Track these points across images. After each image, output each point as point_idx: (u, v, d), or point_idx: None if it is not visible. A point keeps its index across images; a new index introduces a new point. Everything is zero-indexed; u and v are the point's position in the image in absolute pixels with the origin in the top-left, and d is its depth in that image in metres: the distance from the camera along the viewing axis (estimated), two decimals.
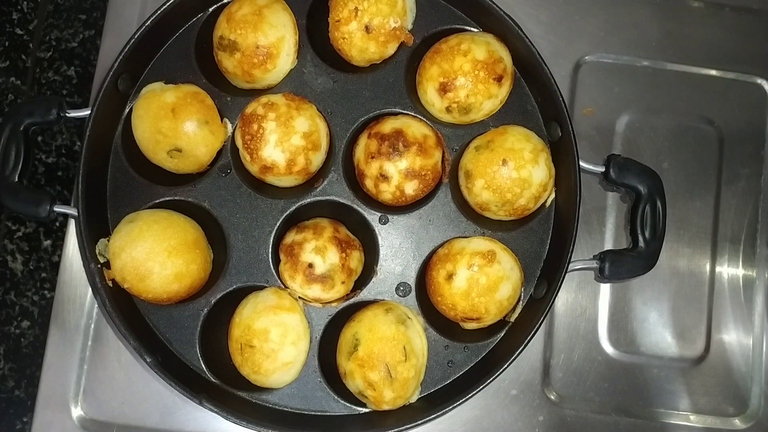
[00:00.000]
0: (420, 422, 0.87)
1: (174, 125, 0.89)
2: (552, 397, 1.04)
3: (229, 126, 0.94)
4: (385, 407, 0.88)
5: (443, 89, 0.91)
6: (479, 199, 0.93)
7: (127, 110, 0.95)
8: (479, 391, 0.87)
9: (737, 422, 1.06)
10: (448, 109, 0.93)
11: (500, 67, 0.91)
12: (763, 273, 1.10)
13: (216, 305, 0.93)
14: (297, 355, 0.89)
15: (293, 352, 0.89)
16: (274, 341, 0.87)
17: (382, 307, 0.91)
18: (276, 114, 0.89)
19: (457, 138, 0.96)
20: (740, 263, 1.10)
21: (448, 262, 0.90)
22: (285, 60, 0.93)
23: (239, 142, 0.91)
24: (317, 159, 0.93)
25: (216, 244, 0.95)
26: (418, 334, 0.90)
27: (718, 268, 1.09)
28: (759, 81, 1.13)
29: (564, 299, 1.07)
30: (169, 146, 0.90)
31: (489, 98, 0.92)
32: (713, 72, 1.13)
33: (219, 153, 0.94)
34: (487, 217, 0.95)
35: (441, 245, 0.94)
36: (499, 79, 0.91)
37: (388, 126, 0.92)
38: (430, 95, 0.93)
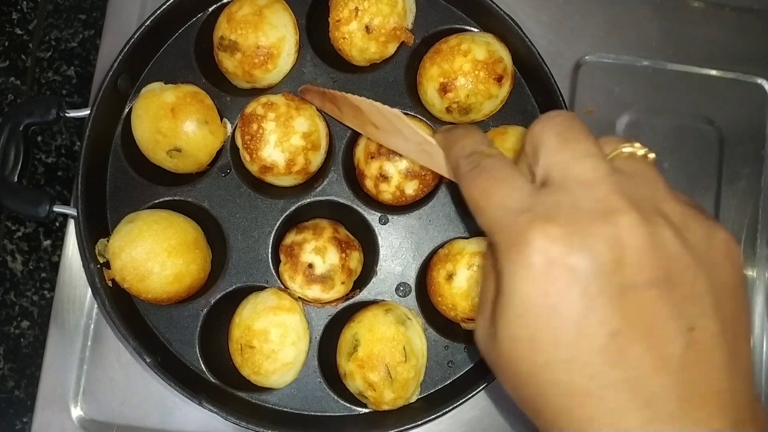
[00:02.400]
0: (420, 422, 0.87)
1: (173, 125, 0.89)
2: None
3: (229, 126, 0.94)
4: (385, 408, 0.88)
5: (443, 89, 0.91)
6: None
7: (126, 110, 0.95)
8: (479, 391, 0.87)
9: None
10: (448, 110, 0.93)
11: (500, 67, 0.91)
12: (763, 273, 1.09)
13: (216, 305, 0.93)
14: (297, 355, 0.89)
15: (293, 352, 0.88)
16: (274, 342, 0.87)
17: (381, 307, 0.91)
18: (276, 114, 0.89)
19: None
20: None
21: (448, 263, 0.90)
22: (285, 60, 0.93)
23: (239, 142, 0.91)
24: (317, 159, 0.93)
25: (216, 244, 0.94)
26: (418, 335, 0.90)
27: None
28: (759, 81, 1.13)
29: None
30: (169, 146, 0.90)
31: (489, 98, 0.92)
32: (713, 72, 1.13)
33: (219, 153, 0.94)
34: None
35: (441, 245, 0.94)
36: (499, 79, 0.91)
37: None
38: (430, 95, 0.93)
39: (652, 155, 0.47)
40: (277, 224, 0.93)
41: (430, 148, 0.59)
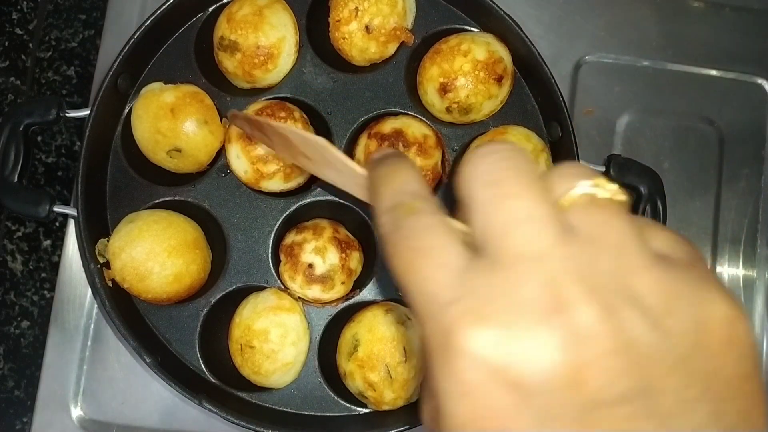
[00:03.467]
0: (420, 422, 0.87)
1: (173, 125, 0.89)
2: None
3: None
4: (386, 408, 0.88)
5: (443, 90, 0.91)
6: None
7: (126, 110, 0.95)
8: None
9: None
10: (448, 110, 0.93)
11: (500, 67, 0.91)
12: (764, 273, 1.09)
13: (216, 305, 0.92)
14: (297, 355, 0.89)
15: (293, 352, 0.88)
16: (274, 342, 0.87)
17: (382, 307, 0.91)
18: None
19: (457, 138, 0.96)
20: (740, 263, 1.09)
21: None
22: (286, 60, 0.93)
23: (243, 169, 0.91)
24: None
25: (216, 244, 0.94)
26: (418, 335, 0.90)
27: (718, 268, 1.09)
28: (759, 81, 1.13)
29: None
30: (169, 146, 0.90)
31: (489, 98, 0.92)
32: (713, 72, 1.13)
33: (218, 153, 0.94)
34: None
35: None
36: (499, 80, 0.91)
37: (387, 126, 0.92)
38: (430, 96, 0.93)
39: (620, 197, 0.34)
40: (277, 224, 0.93)
41: (365, 181, 0.49)
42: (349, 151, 0.95)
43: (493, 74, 0.91)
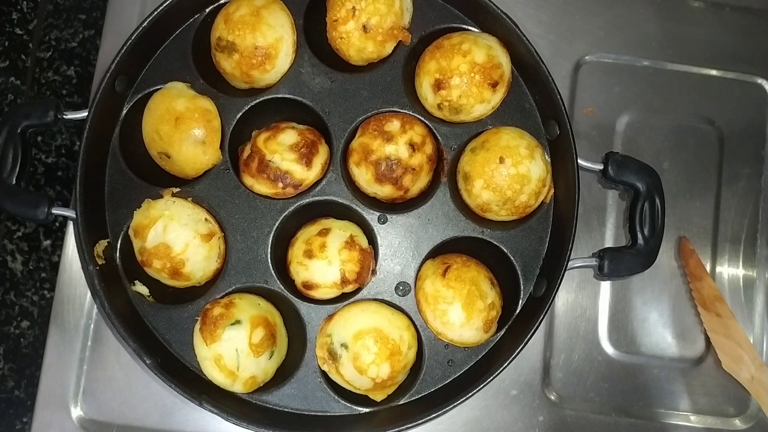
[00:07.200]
0: (420, 422, 0.87)
1: (171, 132, 0.89)
2: (552, 397, 1.04)
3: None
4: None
5: (437, 86, 0.91)
6: (480, 200, 0.92)
7: (124, 111, 0.95)
8: (479, 390, 0.87)
9: (738, 422, 1.05)
10: (439, 106, 0.93)
11: (497, 73, 0.91)
12: (763, 273, 1.09)
13: None
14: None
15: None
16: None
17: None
18: None
19: (455, 137, 0.96)
20: (740, 263, 1.09)
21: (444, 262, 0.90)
22: (283, 60, 0.93)
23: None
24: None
25: None
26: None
27: (718, 268, 1.09)
28: (759, 81, 1.13)
29: (564, 299, 1.06)
30: (160, 149, 0.91)
31: (481, 102, 0.91)
32: (713, 72, 1.13)
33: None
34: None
35: (441, 244, 0.94)
36: (494, 85, 0.91)
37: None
38: (424, 89, 0.93)
39: None
40: (276, 224, 0.93)
41: None
42: (347, 150, 0.95)
43: (489, 79, 0.90)
